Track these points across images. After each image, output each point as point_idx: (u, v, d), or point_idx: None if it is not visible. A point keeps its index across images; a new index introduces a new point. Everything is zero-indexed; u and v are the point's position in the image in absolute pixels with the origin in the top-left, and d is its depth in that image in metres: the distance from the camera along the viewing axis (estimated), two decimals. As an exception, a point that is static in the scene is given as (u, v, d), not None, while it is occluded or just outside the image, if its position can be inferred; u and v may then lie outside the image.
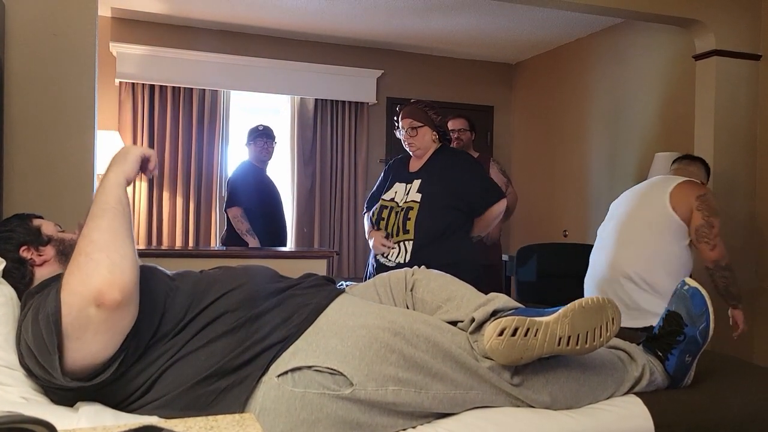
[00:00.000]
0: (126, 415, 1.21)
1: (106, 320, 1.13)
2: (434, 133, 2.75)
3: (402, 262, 2.60)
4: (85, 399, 1.22)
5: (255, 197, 4.00)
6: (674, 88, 4.27)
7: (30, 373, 1.24)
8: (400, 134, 2.80)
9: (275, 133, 4.18)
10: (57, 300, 1.14)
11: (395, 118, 2.84)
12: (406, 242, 2.61)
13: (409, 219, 2.61)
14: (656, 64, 4.43)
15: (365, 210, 2.94)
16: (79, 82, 2.60)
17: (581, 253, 3.11)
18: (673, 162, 2.97)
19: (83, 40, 2.60)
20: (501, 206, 2.72)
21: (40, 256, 1.46)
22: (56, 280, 1.33)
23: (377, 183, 2.94)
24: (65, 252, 1.48)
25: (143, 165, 1.36)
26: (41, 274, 1.45)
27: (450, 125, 3.86)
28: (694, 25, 3.64)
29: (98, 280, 1.11)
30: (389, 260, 2.66)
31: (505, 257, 4.26)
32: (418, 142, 2.74)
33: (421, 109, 2.75)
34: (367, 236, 2.87)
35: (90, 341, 1.14)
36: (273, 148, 4.14)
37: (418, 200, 2.63)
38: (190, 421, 0.83)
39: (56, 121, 2.57)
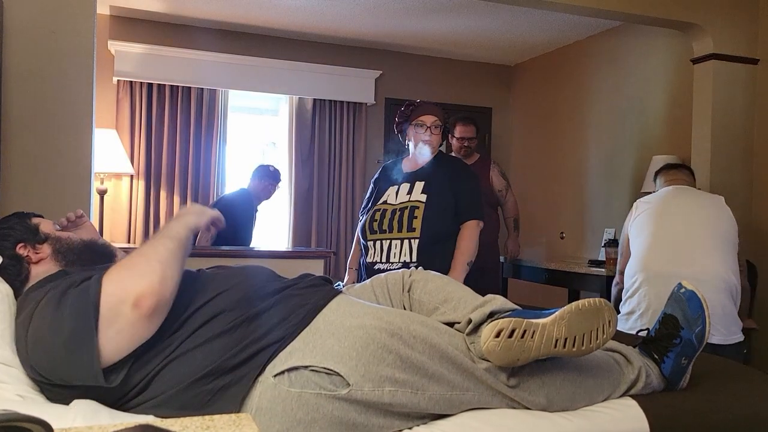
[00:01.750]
0: (122, 414, 1.21)
1: (134, 323, 1.17)
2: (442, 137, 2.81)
3: (408, 260, 2.58)
4: (82, 397, 1.21)
5: (234, 229, 4.02)
6: (672, 91, 4.28)
7: (32, 369, 1.24)
8: (416, 128, 2.75)
9: (281, 176, 4.35)
10: (98, 286, 1.18)
11: (408, 110, 2.80)
12: (411, 240, 2.60)
13: (416, 217, 2.60)
14: (654, 67, 4.44)
15: (360, 220, 2.92)
16: (77, 80, 2.60)
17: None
18: (663, 172, 2.96)
19: (81, 38, 2.60)
20: (477, 225, 2.71)
21: (37, 253, 1.47)
22: (58, 277, 1.33)
23: (367, 194, 2.92)
24: (61, 250, 1.49)
25: (214, 222, 1.48)
26: (37, 272, 1.45)
27: (458, 132, 3.87)
28: (692, 29, 3.65)
29: (147, 283, 1.17)
30: (391, 263, 2.63)
31: (502, 259, 4.26)
32: (435, 141, 2.76)
33: (443, 112, 2.79)
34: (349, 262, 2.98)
35: (110, 338, 1.17)
36: (275, 191, 4.27)
37: (424, 200, 2.63)
38: (187, 420, 0.83)
39: (54, 119, 2.57)
